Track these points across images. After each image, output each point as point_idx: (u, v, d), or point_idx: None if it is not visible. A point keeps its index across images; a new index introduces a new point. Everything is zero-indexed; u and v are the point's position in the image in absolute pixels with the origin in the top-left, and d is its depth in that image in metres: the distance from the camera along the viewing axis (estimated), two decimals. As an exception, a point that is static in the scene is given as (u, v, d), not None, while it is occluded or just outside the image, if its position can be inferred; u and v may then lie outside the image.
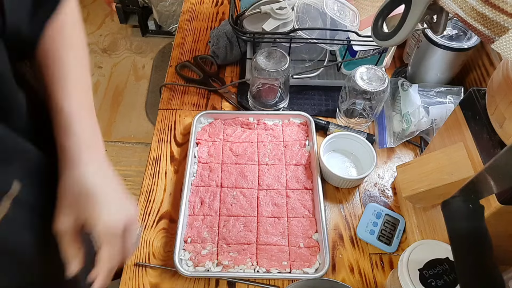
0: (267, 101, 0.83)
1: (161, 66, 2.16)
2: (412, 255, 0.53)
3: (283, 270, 0.64)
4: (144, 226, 0.70)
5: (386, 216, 0.70)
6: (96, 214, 0.46)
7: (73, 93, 0.50)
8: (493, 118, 0.49)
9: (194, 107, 0.87)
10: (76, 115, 0.49)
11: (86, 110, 0.51)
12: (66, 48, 0.51)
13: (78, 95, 0.50)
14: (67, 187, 0.47)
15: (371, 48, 0.81)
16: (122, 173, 1.73)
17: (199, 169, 0.74)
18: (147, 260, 0.67)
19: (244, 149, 0.77)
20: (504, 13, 0.37)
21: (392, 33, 0.51)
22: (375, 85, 0.73)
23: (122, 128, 1.90)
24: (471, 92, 0.55)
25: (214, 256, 0.65)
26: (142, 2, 2.12)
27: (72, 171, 0.47)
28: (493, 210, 0.47)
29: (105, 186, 0.49)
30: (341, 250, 0.68)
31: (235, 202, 0.71)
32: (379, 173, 0.77)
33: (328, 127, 0.81)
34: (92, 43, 2.27)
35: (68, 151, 0.48)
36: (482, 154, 0.51)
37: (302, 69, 0.89)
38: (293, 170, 0.75)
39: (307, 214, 0.70)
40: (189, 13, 1.07)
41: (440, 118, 0.76)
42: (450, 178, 0.54)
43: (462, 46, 0.76)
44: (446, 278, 0.51)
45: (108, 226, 0.47)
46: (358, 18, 0.79)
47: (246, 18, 0.83)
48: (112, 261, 0.48)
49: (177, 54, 0.97)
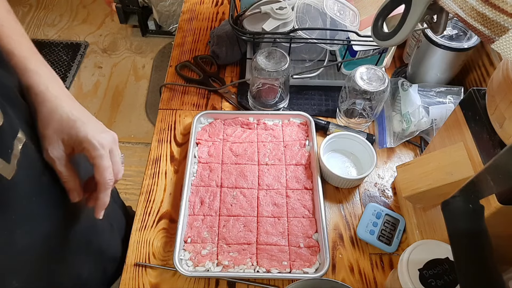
0: (267, 101, 0.83)
1: (161, 66, 2.16)
2: (412, 255, 0.53)
3: (283, 270, 0.64)
4: (144, 226, 0.70)
5: (386, 216, 0.70)
6: (83, 133, 0.49)
7: (16, 38, 0.51)
8: (493, 118, 0.49)
9: (194, 107, 0.87)
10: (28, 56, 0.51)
11: (32, 51, 0.52)
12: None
13: (20, 39, 0.52)
14: (47, 118, 0.49)
15: (371, 48, 0.81)
16: (122, 173, 1.72)
17: (199, 169, 0.74)
18: (147, 260, 0.67)
19: (244, 149, 0.77)
20: (504, 13, 0.37)
21: (392, 33, 0.51)
22: (375, 85, 0.73)
23: (122, 128, 1.90)
24: (471, 92, 0.55)
25: (214, 256, 0.65)
26: (142, 2, 2.12)
27: (46, 104, 0.49)
28: (493, 210, 0.47)
29: (82, 113, 0.51)
30: (341, 250, 0.68)
31: (235, 202, 0.71)
32: (379, 173, 0.77)
33: (328, 127, 0.81)
34: (92, 43, 2.27)
35: (34, 87, 0.50)
36: (482, 154, 0.51)
37: (302, 69, 0.89)
38: (293, 170, 0.75)
39: (307, 214, 0.70)
40: (189, 13, 1.07)
41: (440, 118, 0.76)
42: (450, 178, 0.54)
43: (462, 46, 0.76)
44: (446, 278, 0.51)
45: (96, 141, 0.49)
46: (358, 18, 0.79)
47: (246, 18, 0.83)
48: (106, 174, 0.51)
49: (177, 54, 0.97)
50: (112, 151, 0.52)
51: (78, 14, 2.43)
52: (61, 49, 2.22)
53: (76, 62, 2.16)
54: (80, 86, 2.07)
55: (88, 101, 2.00)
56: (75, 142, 0.50)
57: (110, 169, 0.51)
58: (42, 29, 2.34)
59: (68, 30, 2.34)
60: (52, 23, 2.37)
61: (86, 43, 2.26)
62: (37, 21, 2.38)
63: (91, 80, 2.10)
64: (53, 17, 2.41)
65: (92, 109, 1.97)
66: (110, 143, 0.52)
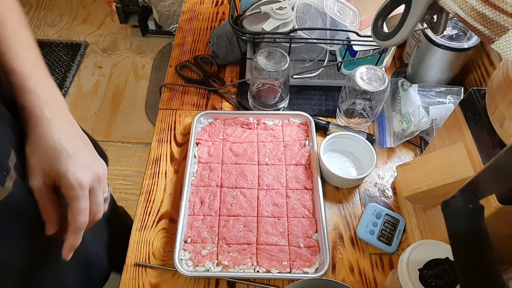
0: (267, 101, 0.83)
1: (161, 66, 2.16)
2: (412, 255, 0.53)
3: (283, 270, 0.64)
4: (144, 226, 0.70)
5: (386, 216, 0.70)
6: (64, 169, 0.47)
7: (20, 52, 0.49)
8: (493, 118, 0.49)
9: (194, 107, 0.87)
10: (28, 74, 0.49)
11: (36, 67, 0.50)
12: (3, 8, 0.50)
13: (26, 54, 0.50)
14: (34, 144, 0.47)
15: (371, 48, 0.81)
16: (122, 173, 1.73)
17: (199, 169, 0.74)
18: (147, 260, 0.67)
19: (244, 149, 0.77)
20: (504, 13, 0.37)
21: (392, 33, 0.51)
22: (375, 85, 0.73)
23: (122, 128, 1.90)
24: (471, 92, 0.55)
25: (214, 256, 0.65)
26: (142, 2, 2.12)
27: (37, 129, 0.48)
28: (493, 210, 0.47)
29: (71, 143, 0.49)
30: (341, 250, 0.68)
31: (235, 202, 0.71)
32: (379, 173, 0.77)
33: (328, 127, 0.81)
34: (92, 43, 2.27)
35: (29, 109, 0.48)
36: (482, 154, 0.51)
37: (302, 69, 0.89)
38: (293, 170, 0.75)
39: (307, 214, 0.70)
40: (189, 13, 1.07)
41: (440, 118, 0.76)
42: (450, 178, 0.54)
43: (462, 46, 0.76)
44: (446, 278, 0.51)
45: (75, 180, 0.47)
46: (358, 18, 0.79)
47: (246, 18, 0.83)
48: (79, 217, 0.48)
49: (177, 54, 0.97)
50: (93, 190, 0.49)
51: (78, 14, 2.43)
52: (61, 49, 2.22)
53: (76, 62, 2.16)
54: (80, 86, 2.07)
55: (88, 101, 2.00)
56: (55, 175, 0.47)
57: (85, 212, 0.48)
58: (42, 29, 2.34)
59: (68, 30, 2.34)
60: (52, 23, 2.37)
61: (86, 43, 2.26)
62: (37, 21, 2.38)
63: (91, 80, 2.10)
64: (53, 17, 2.41)
65: (92, 109, 1.97)
66: (92, 181, 0.49)
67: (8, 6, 0.51)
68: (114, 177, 1.71)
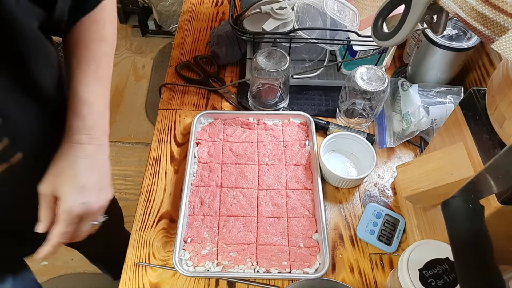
0: (267, 101, 0.83)
1: (161, 66, 2.16)
2: (412, 255, 0.53)
3: (283, 270, 0.64)
4: (144, 226, 0.70)
5: (386, 216, 0.70)
6: (65, 195, 0.51)
7: (93, 81, 0.54)
8: (493, 118, 0.49)
9: (194, 107, 0.87)
10: (89, 102, 0.54)
11: (100, 100, 0.56)
12: (97, 41, 0.55)
13: (97, 84, 0.55)
14: (58, 158, 0.52)
15: (371, 48, 0.81)
16: (122, 173, 1.73)
17: (199, 169, 0.74)
18: (147, 260, 0.67)
19: (244, 149, 0.77)
20: (504, 13, 0.37)
21: (392, 33, 0.51)
22: (375, 85, 0.73)
23: (122, 128, 1.90)
24: (471, 92, 0.55)
25: (214, 256, 0.65)
26: (142, 2, 2.12)
27: (68, 146, 0.52)
28: (493, 210, 0.47)
29: (87, 176, 0.53)
30: (341, 250, 0.68)
31: (235, 202, 0.71)
32: (379, 173, 0.77)
33: (328, 127, 0.81)
34: (92, 43, 2.27)
35: (71, 129, 0.53)
36: (482, 154, 0.51)
37: (302, 69, 0.89)
38: (293, 170, 0.75)
39: (307, 214, 0.70)
40: (189, 13, 1.07)
41: (440, 118, 0.76)
42: (450, 178, 0.54)
43: (462, 46, 0.76)
44: (446, 278, 0.51)
45: (68, 207, 0.51)
46: (358, 18, 0.79)
47: (246, 18, 0.83)
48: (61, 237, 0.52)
49: (177, 54, 0.97)
50: (82, 219, 0.53)
51: (78, 14, 2.43)
52: (61, 49, 2.22)
53: (76, 62, 2.16)
54: (80, 86, 2.07)
55: (88, 101, 2.00)
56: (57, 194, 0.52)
57: (64, 234, 0.52)
58: (42, 29, 2.34)
59: (68, 30, 2.34)
60: (52, 23, 2.37)
61: (86, 43, 2.26)
62: (37, 21, 2.38)
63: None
64: (53, 17, 2.41)
65: (92, 109, 1.97)
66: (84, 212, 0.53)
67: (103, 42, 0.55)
68: (114, 177, 1.70)
